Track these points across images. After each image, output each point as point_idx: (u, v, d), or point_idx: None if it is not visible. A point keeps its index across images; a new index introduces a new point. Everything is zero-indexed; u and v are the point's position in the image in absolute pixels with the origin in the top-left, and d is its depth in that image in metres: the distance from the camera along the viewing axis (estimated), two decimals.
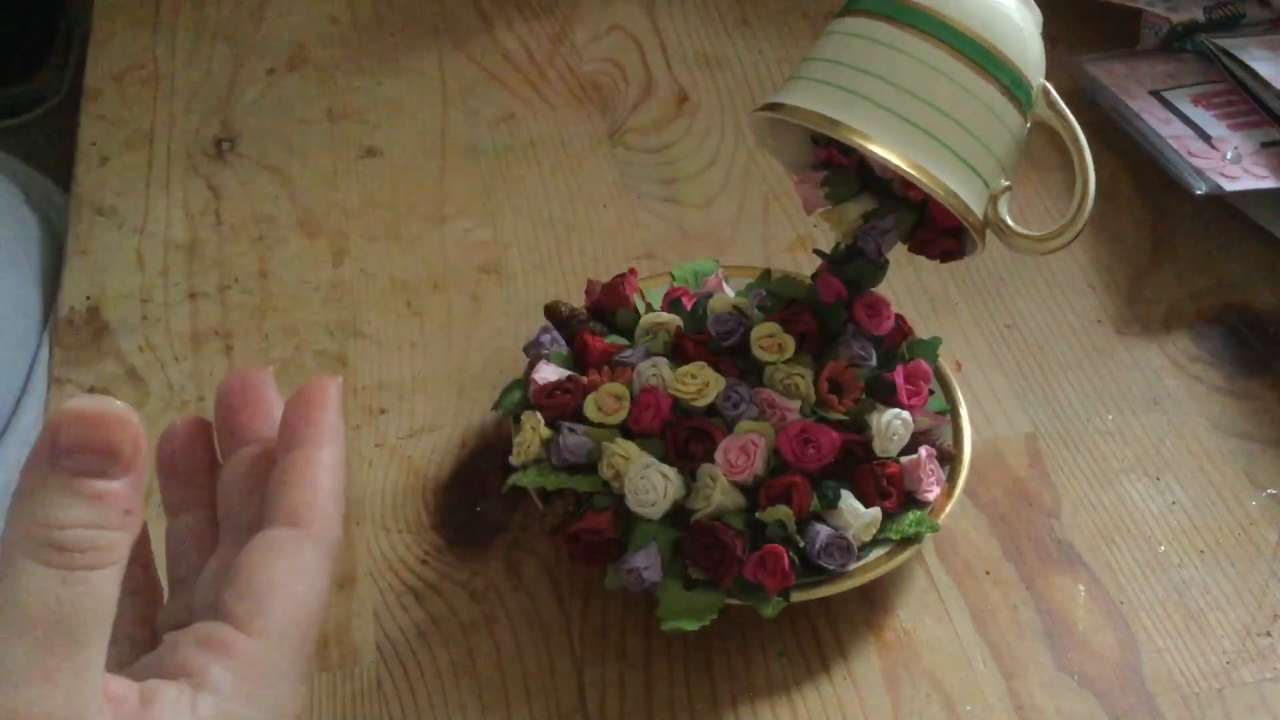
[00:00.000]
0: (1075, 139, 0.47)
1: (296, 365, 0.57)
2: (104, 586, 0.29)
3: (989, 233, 0.48)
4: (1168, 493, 0.52)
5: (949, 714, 0.46)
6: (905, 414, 0.48)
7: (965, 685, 0.46)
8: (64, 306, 0.59)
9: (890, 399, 0.49)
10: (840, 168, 0.50)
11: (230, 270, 0.61)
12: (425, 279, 0.61)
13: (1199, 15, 0.68)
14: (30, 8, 0.84)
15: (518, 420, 0.49)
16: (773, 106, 0.47)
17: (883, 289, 0.54)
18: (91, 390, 0.56)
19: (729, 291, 0.53)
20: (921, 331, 0.57)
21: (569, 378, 0.49)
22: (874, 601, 0.49)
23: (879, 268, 0.50)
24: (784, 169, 0.52)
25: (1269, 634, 0.48)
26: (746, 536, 0.45)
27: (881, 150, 0.45)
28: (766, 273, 0.55)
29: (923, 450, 0.48)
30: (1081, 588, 0.49)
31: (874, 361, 0.50)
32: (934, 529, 0.47)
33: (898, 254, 0.61)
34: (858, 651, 0.47)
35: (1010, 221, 0.47)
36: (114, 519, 0.30)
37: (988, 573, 0.50)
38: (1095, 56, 0.69)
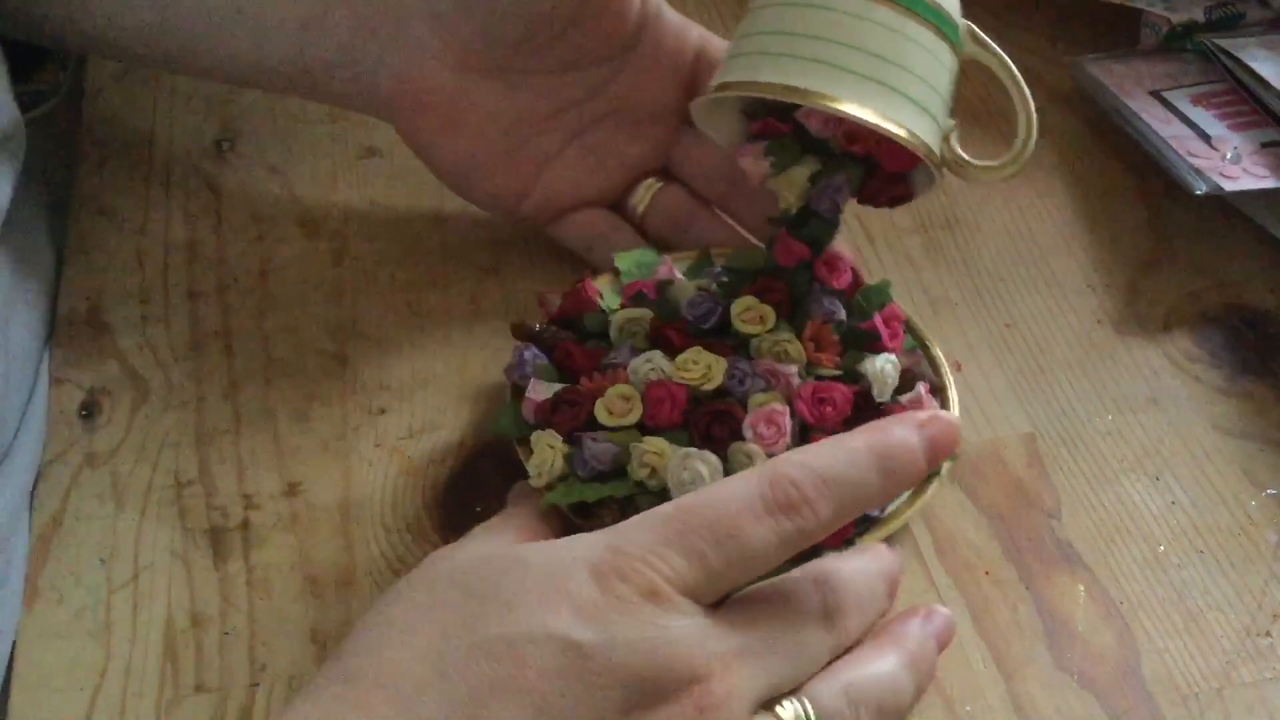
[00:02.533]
0: (1008, 70, 0.50)
1: (296, 365, 0.57)
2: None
3: (977, 180, 0.51)
4: (1168, 493, 0.52)
5: (949, 714, 0.46)
6: (893, 357, 0.50)
7: (965, 685, 0.46)
8: (63, 307, 0.59)
9: (875, 345, 0.50)
10: (779, 135, 0.51)
11: (230, 270, 0.61)
12: (425, 279, 0.61)
13: (1199, 15, 0.68)
14: None
15: (522, 443, 0.49)
16: (728, 86, 0.49)
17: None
18: (91, 390, 0.56)
19: (681, 276, 0.54)
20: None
21: (566, 389, 0.49)
22: None
23: (833, 224, 0.51)
24: (724, 146, 0.54)
25: (1269, 634, 0.48)
26: None
27: (852, 109, 0.47)
28: (705, 252, 0.56)
29: (920, 386, 0.50)
30: (1081, 588, 0.49)
31: (843, 315, 0.51)
32: (952, 458, 0.47)
33: (898, 255, 0.62)
34: None
35: (965, 155, 0.50)
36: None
37: (988, 573, 0.50)
38: (1095, 56, 0.69)
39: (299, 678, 0.46)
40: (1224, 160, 0.61)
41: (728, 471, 0.46)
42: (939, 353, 0.53)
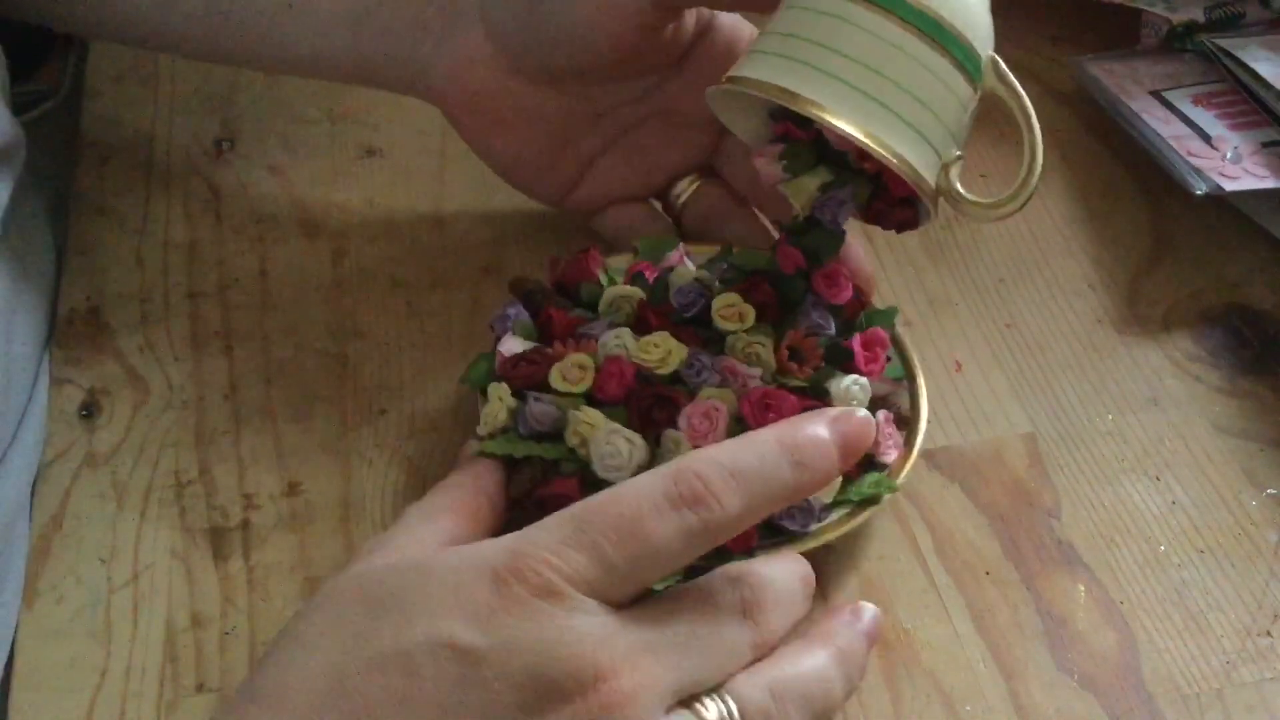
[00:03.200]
0: (1024, 108, 0.49)
1: (296, 365, 0.57)
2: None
3: (972, 217, 0.50)
4: (1168, 493, 0.52)
5: (949, 714, 0.46)
6: (863, 380, 0.50)
7: (965, 685, 0.46)
8: (63, 307, 0.59)
9: (849, 365, 0.50)
10: (797, 141, 0.52)
11: (230, 270, 0.61)
12: (425, 279, 0.61)
13: (1199, 15, 0.68)
14: None
15: (484, 393, 0.50)
16: (732, 80, 0.49)
17: (883, 288, 0.54)
18: (91, 390, 0.56)
19: (690, 266, 0.54)
20: (921, 331, 0.58)
21: (534, 349, 0.50)
22: (874, 601, 0.48)
23: (836, 238, 0.51)
24: (744, 141, 0.54)
25: (1269, 634, 0.48)
26: None
27: (838, 121, 0.47)
28: (728, 247, 0.56)
29: (880, 414, 0.49)
30: (1081, 588, 0.49)
31: (833, 330, 0.51)
32: (892, 489, 0.48)
33: (898, 255, 0.62)
34: None
35: (962, 190, 0.49)
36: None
37: (988, 573, 0.50)
38: (1095, 56, 0.69)
39: None
40: (1224, 160, 0.61)
41: (655, 457, 0.47)
42: (922, 384, 0.52)
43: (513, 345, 0.50)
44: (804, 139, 0.51)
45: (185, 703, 0.46)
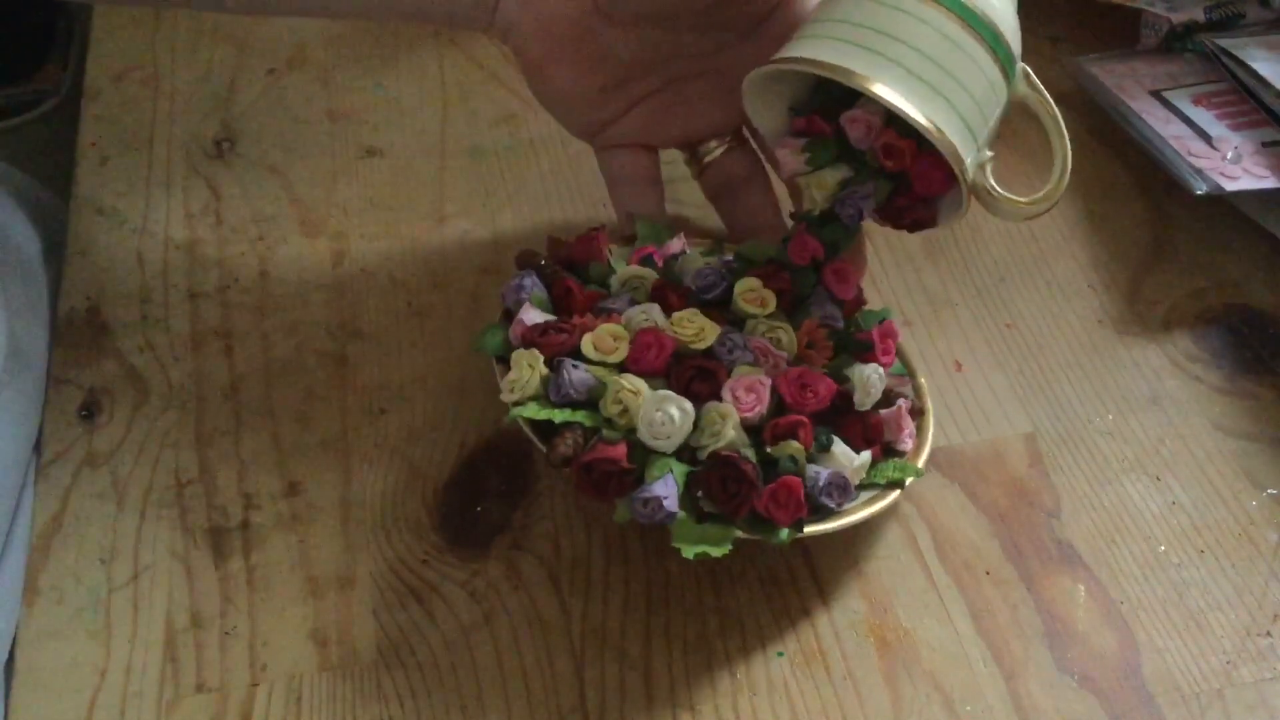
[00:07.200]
0: (1053, 115, 0.50)
1: (297, 365, 0.57)
2: None
3: (1000, 214, 0.51)
4: (1168, 493, 0.52)
5: (949, 714, 0.46)
6: (881, 369, 0.50)
7: (965, 685, 0.46)
8: (64, 307, 0.59)
9: (866, 355, 0.50)
10: (820, 136, 0.52)
11: (230, 270, 0.61)
12: (425, 279, 0.61)
13: (1199, 15, 0.68)
14: (30, 8, 0.84)
15: (501, 361, 0.50)
16: (788, 60, 0.49)
17: (883, 287, 0.54)
18: (91, 390, 0.56)
19: (695, 253, 0.55)
20: (921, 331, 0.58)
21: (559, 320, 0.50)
22: (874, 601, 0.49)
23: (853, 232, 0.52)
24: (766, 135, 0.54)
25: (1269, 634, 0.48)
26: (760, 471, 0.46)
27: (897, 100, 0.47)
28: (718, 242, 0.57)
29: (900, 402, 0.50)
30: (1081, 588, 0.49)
31: (840, 324, 0.52)
32: (918, 473, 0.49)
33: (896, 255, 0.62)
34: (858, 651, 0.47)
35: (997, 187, 0.50)
36: None
37: (988, 573, 0.50)
38: (1095, 56, 0.69)
39: (299, 678, 0.46)
40: (1224, 160, 0.61)
41: (699, 430, 0.47)
42: (924, 382, 0.53)
43: (533, 315, 0.50)
44: (827, 133, 0.52)
45: (185, 703, 0.46)
